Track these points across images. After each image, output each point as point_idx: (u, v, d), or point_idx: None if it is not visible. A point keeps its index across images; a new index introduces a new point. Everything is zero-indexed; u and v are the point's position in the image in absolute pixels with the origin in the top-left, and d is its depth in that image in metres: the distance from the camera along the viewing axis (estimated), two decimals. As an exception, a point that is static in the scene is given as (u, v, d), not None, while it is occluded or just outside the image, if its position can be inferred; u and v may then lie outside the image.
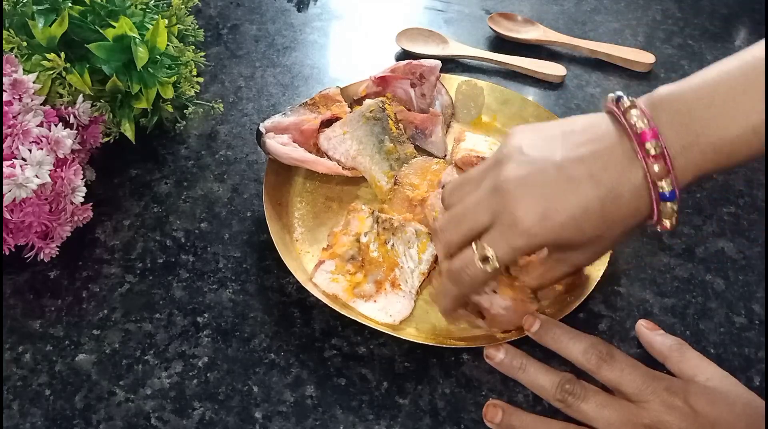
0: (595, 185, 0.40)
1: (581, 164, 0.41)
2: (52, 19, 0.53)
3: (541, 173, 0.41)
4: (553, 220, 0.40)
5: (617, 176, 0.40)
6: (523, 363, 0.45)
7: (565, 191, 0.40)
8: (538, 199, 0.40)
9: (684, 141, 0.39)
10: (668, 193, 0.40)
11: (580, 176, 0.40)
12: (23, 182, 0.46)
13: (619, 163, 0.40)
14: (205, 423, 0.45)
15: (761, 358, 0.50)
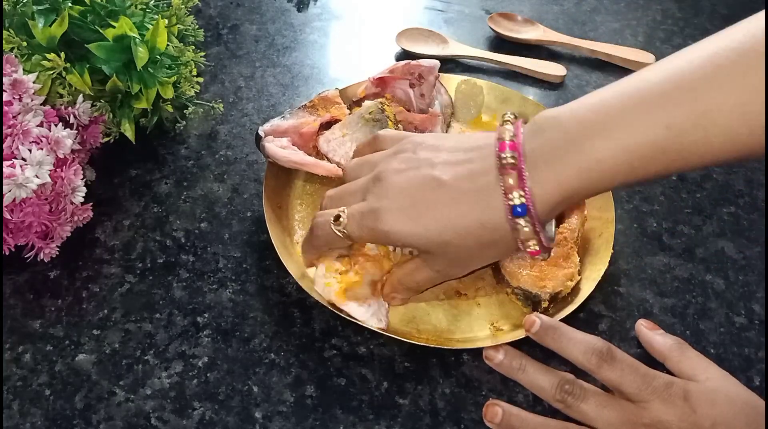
0: (454, 191, 0.42)
1: (451, 169, 0.42)
2: (52, 19, 0.53)
3: (416, 170, 0.43)
4: (403, 216, 0.42)
5: (479, 187, 0.41)
6: (522, 364, 0.45)
7: (426, 192, 0.42)
8: (401, 193, 0.43)
9: (547, 157, 0.39)
10: (519, 206, 0.39)
11: (445, 180, 0.42)
12: (23, 182, 0.46)
13: (484, 175, 0.41)
14: (205, 423, 0.45)
15: (761, 358, 0.50)
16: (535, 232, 0.41)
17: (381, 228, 0.43)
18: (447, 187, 0.42)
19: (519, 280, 0.50)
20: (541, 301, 0.49)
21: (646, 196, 0.62)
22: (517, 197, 0.40)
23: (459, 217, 0.42)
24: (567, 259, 0.51)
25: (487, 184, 0.41)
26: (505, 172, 0.40)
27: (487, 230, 0.41)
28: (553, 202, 0.40)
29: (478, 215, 0.41)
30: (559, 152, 0.39)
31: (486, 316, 0.51)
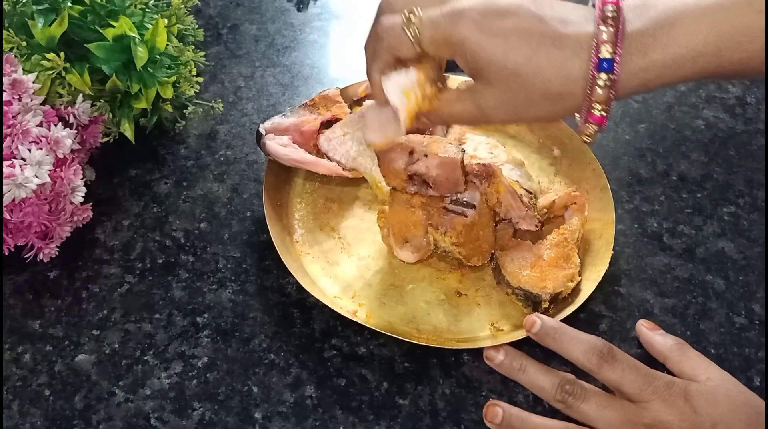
0: (547, 38, 0.39)
1: (550, 18, 0.40)
2: (52, 19, 0.53)
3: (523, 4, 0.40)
4: (489, 41, 0.39)
5: (570, 40, 0.39)
6: (522, 364, 0.45)
7: (521, 28, 0.40)
8: (489, 14, 0.40)
9: (644, 28, 0.39)
10: (606, 61, 0.38)
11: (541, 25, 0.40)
12: (23, 182, 0.46)
13: (580, 32, 0.40)
14: (204, 423, 0.45)
15: (761, 358, 0.50)
16: (608, 97, 0.39)
17: (458, 34, 0.40)
18: (541, 21, 0.39)
19: (519, 281, 0.50)
20: (542, 301, 0.49)
21: (646, 197, 0.62)
22: (606, 51, 0.38)
23: (542, 53, 0.39)
24: (567, 259, 0.51)
25: (579, 33, 0.39)
26: (605, 23, 0.38)
27: (561, 78, 0.40)
28: (635, 74, 0.39)
29: (561, 59, 0.39)
30: (655, 25, 0.39)
31: (486, 316, 0.51)
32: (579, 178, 0.59)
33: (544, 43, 0.39)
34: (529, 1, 0.40)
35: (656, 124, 0.69)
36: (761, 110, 0.71)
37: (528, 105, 0.41)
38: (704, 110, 0.71)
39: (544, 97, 0.40)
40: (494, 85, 0.41)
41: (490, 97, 0.42)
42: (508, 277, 0.51)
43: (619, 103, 0.71)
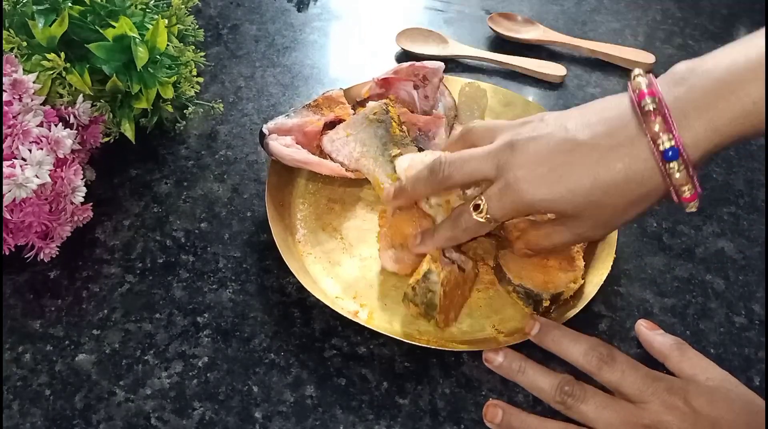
0: (594, 150, 0.40)
1: (587, 129, 0.41)
2: (52, 19, 0.53)
3: (551, 136, 0.42)
4: (546, 182, 0.41)
5: (619, 142, 0.40)
6: (522, 366, 0.45)
7: (566, 154, 0.41)
8: (540, 159, 0.42)
9: (698, 102, 0.38)
10: (669, 149, 0.38)
11: (583, 140, 0.41)
12: (23, 182, 0.46)
13: (623, 131, 0.40)
14: (205, 423, 0.45)
15: (761, 358, 0.50)
16: (689, 175, 0.39)
17: (524, 200, 0.42)
18: (586, 146, 0.41)
19: (521, 278, 0.50)
20: (542, 300, 0.49)
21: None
22: (666, 141, 0.38)
23: (605, 175, 0.40)
24: (572, 262, 0.51)
25: (628, 137, 0.40)
26: (649, 119, 0.39)
27: (636, 184, 0.40)
28: (705, 147, 0.39)
29: (625, 169, 0.40)
30: (710, 97, 0.38)
31: (487, 317, 0.51)
32: None
33: (601, 163, 0.40)
34: (569, 131, 0.42)
35: (656, 124, 0.69)
36: (761, 110, 0.71)
37: (619, 216, 0.43)
38: (704, 110, 0.71)
39: (630, 204, 0.42)
40: (580, 218, 0.43)
41: (584, 225, 0.44)
42: (510, 274, 0.51)
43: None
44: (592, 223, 0.44)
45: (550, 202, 0.42)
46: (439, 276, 0.47)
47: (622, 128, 0.40)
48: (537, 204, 0.42)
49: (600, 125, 0.41)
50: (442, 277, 0.47)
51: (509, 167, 0.42)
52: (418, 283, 0.48)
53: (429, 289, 0.47)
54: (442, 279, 0.47)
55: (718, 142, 0.39)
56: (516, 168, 0.42)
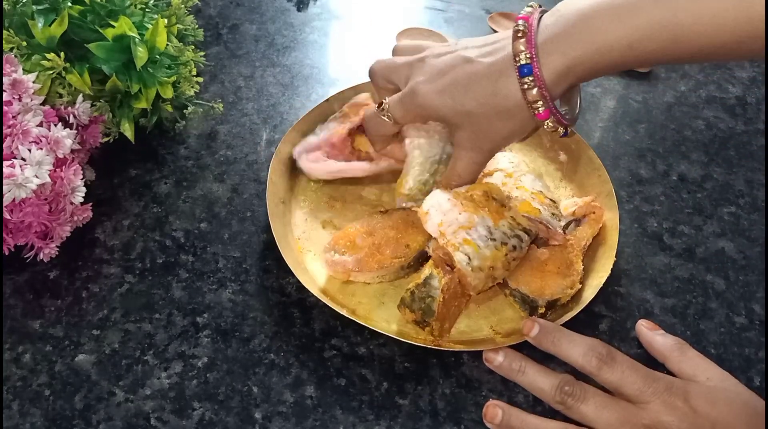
0: (476, 73, 0.46)
1: (476, 56, 0.47)
2: (52, 19, 0.53)
3: (451, 58, 0.48)
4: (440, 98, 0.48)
5: (495, 66, 0.46)
6: (522, 366, 0.45)
7: (456, 77, 0.47)
8: (437, 79, 0.48)
9: (558, 31, 0.43)
10: (525, 65, 0.44)
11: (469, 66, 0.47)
12: (23, 182, 0.46)
13: (501, 56, 0.45)
14: (204, 423, 0.45)
15: (761, 358, 0.50)
16: (542, 94, 0.44)
17: (417, 102, 0.49)
18: (473, 63, 0.47)
19: (519, 282, 0.50)
20: (538, 306, 0.49)
21: (646, 197, 0.62)
22: (524, 58, 0.44)
23: (478, 86, 0.46)
24: (570, 266, 0.51)
25: (504, 56, 0.45)
26: (516, 39, 0.44)
27: (501, 97, 0.46)
28: (559, 70, 0.44)
29: (494, 83, 0.46)
30: (568, 28, 0.43)
31: (485, 317, 0.51)
32: (585, 183, 0.59)
33: (477, 79, 0.46)
34: (461, 50, 0.48)
35: (656, 124, 0.69)
36: (761, 110, 0.71)
37: (496, 127, 0.48)
38: (704, 110, 0.71)
39: (499, 117, 0.47)
40: (462, 127, 0.49)
41: (468, 135, 0.49)
42: (507, 277, 0.51)
43: (619, 103, 0.71)
44: (474, 134, 0.49)
45: (437, 107, 0.48)
46: (440, 282, 0.47)
47: (502, 49, 0.46)
48: (428, 108, 0.49)
49: (488, 46, 0.47)
50: (443, 283, 0.47)
51: (413, 76, 0.49)
52: (417, 288, 0.47)
53: (428, 295, 0.47)
54: (443, 285, 0.47)
55: (570, 67, 0.44)
56: (417, 75, 0.49)
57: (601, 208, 0.55)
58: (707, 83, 0.74)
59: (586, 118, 0.70)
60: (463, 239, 0.48)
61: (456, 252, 0.48)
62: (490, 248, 0.48)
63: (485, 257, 0.48)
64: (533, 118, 0.46)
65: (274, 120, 0.67)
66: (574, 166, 0.61)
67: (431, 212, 0.50)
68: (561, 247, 0.52)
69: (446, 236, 0.48)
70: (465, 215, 0.49)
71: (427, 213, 0.50)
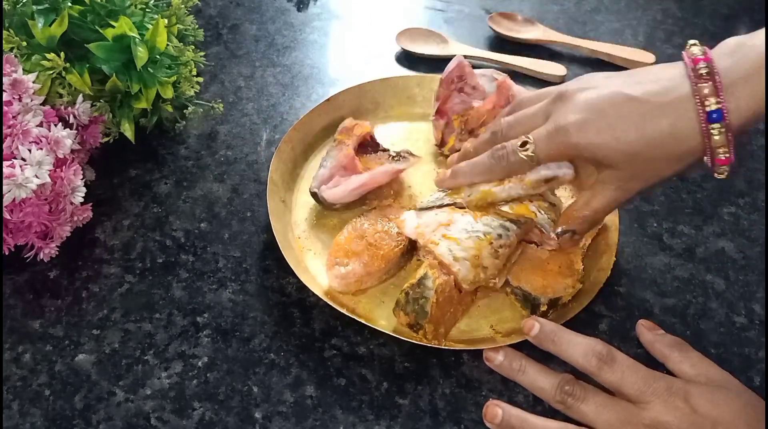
0: (642, 105, 0.43)
1: (642, 94, 0.44)
2: (52, 19, 0.53)
3: (605, 93, 0.45)
4: (591, 126, 0.44)
5: (669, 101, 0.43)
6: (522, 365, 0.45)
7: (613, 105, 0.44)
8: (586, 107, 0.45)
9: (744, 73, 0.41)
10: (715, 111, 0.41)
11: (633, 95, 0.44)
12: (23, 182, 0.46)
13: (674, 93, 0.43)
14: (204, 423, 0.45)
15: (761, 358, 0.50)
16: (727, 139, 0.42)
17: (572, 141, 0.45)
18: (638, 101, 0.43)
19: (520, 281, 0.50)
20: (540, 304, 0.49)
21: (646, 197, 0.62)
22: (713, 103, 0.41)
23: (651, 128, 0.43)
24: (570, 266, 0.51)
25: (678, 97, 0.43)
26: (700, 82, 0.42)
27: (678, 140, 0.43)
28: (747, 115, 0.42)
29: (670, 126, 0.43)
30: (754, 69, 0.41)
31: (485, 317, 0.51)
32: None
33: (648, 118, 0.43)
34: (620, 86, 0.45)
35: (656, 124, 0.69)
36: (761, 110, 0.71)
37: (657, 170, 0.45)
38: (704, 110, 0.71)
39: (667, 160, 0.44)
40: (621, 168, 0.45)
41: (621, 176, 0.46)
42: (509, 276, 0.51)
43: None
44: (629, 174, 0.46)
45: (596, 146, 0.44)
46: (434, 282, 0.47)
47: (673, 89, 0.43)
48: (583, 147, 0.45)
49: (652, 84, 0.44)
50: (437, 284, 0.46)
51: (560, 112, 0.46)
52: (412, 288, 0.47)
53: (422, 295, 0.47)
54: (437, 286, 0.46)
55: (758, 111, 0.41)
56: (567, 112, 0.45)
57: None
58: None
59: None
60: (442, 235, 0.48)
61: (436, 247, 0.48)
62: (473, 239, 0.48)
63: (468, 247, 0.48)
64: (708, 161, 0.43)
65: (274, 120, 0.67)
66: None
67: (407, 217, 0.51)
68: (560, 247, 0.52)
69: (425, 236, 0.49)
70: (444, 214, 0.50)
71: (403, 220, 0.51)
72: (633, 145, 0.44)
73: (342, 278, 0.50)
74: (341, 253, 0.51)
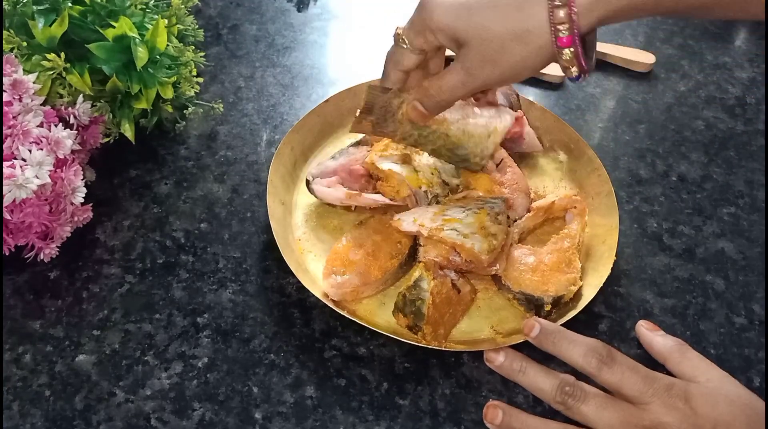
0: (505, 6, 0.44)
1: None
2: (52, 19, 0.53)
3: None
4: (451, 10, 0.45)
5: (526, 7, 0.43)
6: (522, 366, 0.45)
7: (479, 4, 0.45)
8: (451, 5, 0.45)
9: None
10: (565, 38, 0.43)
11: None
12: (23, 183, 0.46)
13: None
14: (204, 424, 0.45)
15: (761, 359, 0.50)
16: (569, 16, 0.42)
17: (431, 18, 0.46)
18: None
19: (521, 285, 0.50)
20: (543, 304, 0.49)
21: (646, 197, 0.62)
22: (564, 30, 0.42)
23: (501, 5, 0.44)
24: (569, 264, 0.51)
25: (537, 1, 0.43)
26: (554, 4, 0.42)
27: (525, 14, 0.43)
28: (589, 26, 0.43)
29: (524, 20, 0.43)
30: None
31: (486, 317, 0.51)
32: (584, 183, 0.59)
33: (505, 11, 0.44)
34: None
35: (656, 125, 0.69)
36: (761, 110, 0.71)
37: (503, 51, 0.45)
38: (704, 110, 0.71)
39: (516, 38, 0.44)
40: (472, 45, 0.46)
41: (472, 55, 0.46)
42: (509, 282, 0.51)
43: (619, 104, 0.71)
44: (480, 52, 0.46)
45: (450, 21, 0.45)
46: (429, 284, 0.47)
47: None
48: (441, 25, 0.46)
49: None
50: (432, 286, 0.47)
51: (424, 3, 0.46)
52: (408, 290, 0.48)
53: (418, 297, 0.47)
54: (432, 288, 0.47)
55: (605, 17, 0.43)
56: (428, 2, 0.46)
57: (582, 201, 0.55)
58: (707, 84, 0.75)
59: (586, 118, 0.70)
60: (443, 220, 0.50)
61: (442, 233, 0.49)
62: (471, 215, 0.50)
63: (471, 223, 0.50)
64: (552, 45, 0.43)
65: (274, 120, 0.67)
66: (573, 166, 0.61)
67: (402, 217, 0.52)
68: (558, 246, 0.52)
69: (426, 226, 0.50)
70: (435, 206, 0.53)
71: (399, 220, 0.52)
72: (484, 19, 0.44)
73: (338, 288, 0.50)
74: (338, 263, 0.51)
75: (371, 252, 0.52)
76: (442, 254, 0.50)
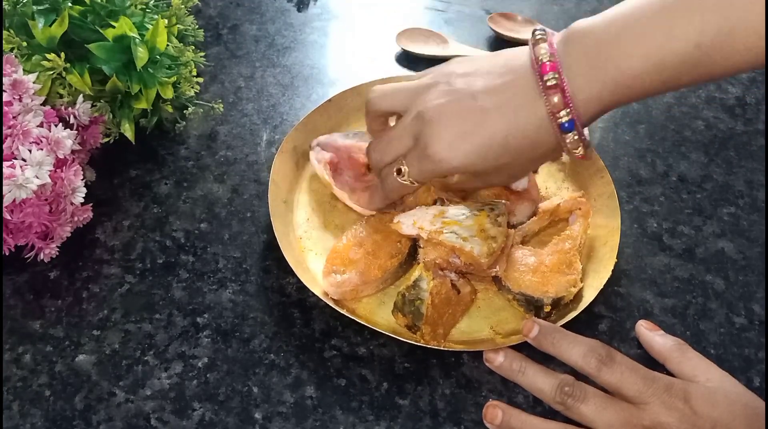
0: (501, 117, 0.44)
1: (493, 95, 0.44)
2: (52, 19, 0.53)
3: (458, 103, 0.45)
4: (459, 150, 0.45)
5: (522, 108, 0.44)
6: (522, 366, 0.45)
7: (474, 122, 0.44)
8: (449, 128, 0.45)
9: (588, 75, 0.42)
10: (567, 123, 0.43)
11: (489, 107, 0.44)
12: (23, 183, 0.46)
13: (525, 95, 0.43)
14: (204, 424, 0.45)
15: (761, 359, 0.50)
16: (581, 140, 0.44)
17: (443, 167, 0.46)
18: (493, 114, 0.44)
19: (521, 286, 0.50)
20: (543, 306, 0.49)
21: (646, 197, 0.62)
22: (564, 115, 0.43)
23: (513, 140, 0.44)
24: (570, 266, 0.51)
25: (532, 102, 0.43)
26: (550, 94, 0.42)
27: (541, 146, 0.45)
28: (593, 113, 0.44)
29: (532, 137, 0.44)
30: (597, 66, 0.42)
31: (486, 318, 0.51)
32: (587, 184, 0.59)
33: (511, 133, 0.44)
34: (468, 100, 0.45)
35: (656, 125, 0.69)
36: (761, 110, 0.71)
37: (523, 169, 0.50)
38: (704, 110, 0.71)
39: (533, 161, 0.47)
40: (490, 173, 0.48)
41: (491, 178, 0.50)
42: (509, 283, 0.51)
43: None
44: (498, 177, 0.49)
45: (464, 167, 0.46)
46: (428, 283, 0.47)
47: (525, 95, 0.43)
48: (453, 169, 0.46)
49: (506, 94, 0.44)
50: (432, 285, 0.47)
51: (423, 137, 0.46)
52: (407, 290, 0.48)
53: (417, 297, 0.47)
54: (431, 288, 0.47)
55: (603, 109, 0.43)
56: (429, 138, 0.45)
57: (587, 202, 0.55)
58: (707, 83, 0.74)
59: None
60: (443, 222, 0.50)
61: (441, 236, 0.49)
62: (471, 218, 0.51)
63: (470, 226, 0.50)
64: (567, 154, 0.45)
65: (274, 120, 0.67)
66: (576, 167, 0.61)
67: (402, 219, 0.52)
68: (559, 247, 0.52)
69: (425, 228, 0.50)
70: (434, 208, 0.52)
71: (399, 222, 0.52)
72: (499, 158, 0.45)
73: (338, 286, 0.50)
74: (338, 261, 0.51)
75: (371, 251, 0.52)
76: (441, 256, 0.50)
